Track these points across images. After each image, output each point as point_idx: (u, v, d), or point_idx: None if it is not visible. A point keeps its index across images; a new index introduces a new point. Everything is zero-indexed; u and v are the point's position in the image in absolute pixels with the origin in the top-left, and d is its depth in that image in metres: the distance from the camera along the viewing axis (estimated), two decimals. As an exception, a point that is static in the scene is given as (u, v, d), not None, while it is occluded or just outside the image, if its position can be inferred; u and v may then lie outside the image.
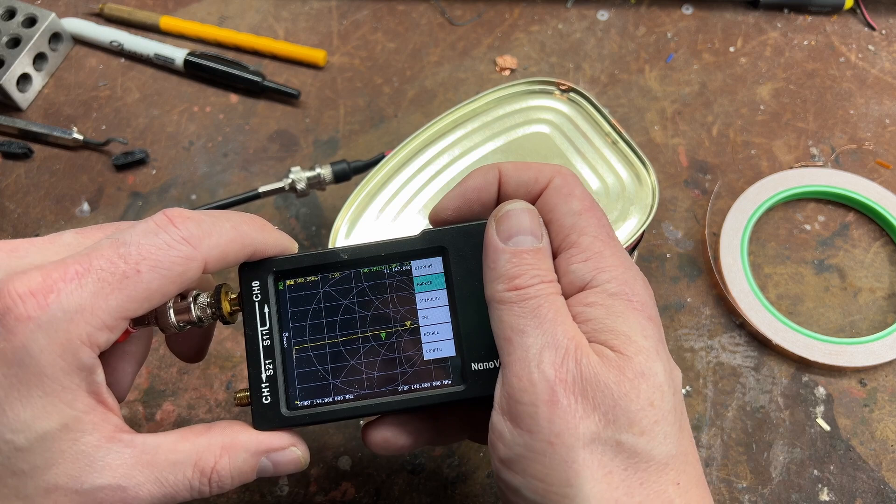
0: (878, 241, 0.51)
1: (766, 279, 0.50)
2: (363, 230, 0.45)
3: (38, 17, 0.59)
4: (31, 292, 0.26)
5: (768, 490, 0.43)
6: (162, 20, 0.62)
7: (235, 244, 0.30)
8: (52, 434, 0.26)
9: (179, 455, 0.28)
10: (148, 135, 0.57)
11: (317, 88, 0.59)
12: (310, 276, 0.32)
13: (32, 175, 0.56)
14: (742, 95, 0.57)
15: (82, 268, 0.27)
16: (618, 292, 0.28)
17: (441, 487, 0.44)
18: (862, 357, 0.46)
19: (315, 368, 0.32)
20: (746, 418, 0.45)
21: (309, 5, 0.63)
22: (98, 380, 0.27)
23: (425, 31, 0.61)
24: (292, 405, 0.32)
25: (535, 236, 0.29)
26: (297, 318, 0.32)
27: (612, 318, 0.28)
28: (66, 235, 0.30)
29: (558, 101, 0.49)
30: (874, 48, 0.59)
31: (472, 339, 0.31)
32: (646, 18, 0.61)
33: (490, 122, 0.48)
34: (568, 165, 0.46)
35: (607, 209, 0.45)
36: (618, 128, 0.47)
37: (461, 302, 0.31)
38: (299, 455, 0.31)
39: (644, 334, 0.28)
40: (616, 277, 0.29)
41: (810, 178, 0.52)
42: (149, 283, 0.27)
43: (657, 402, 0.27)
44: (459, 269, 0.32)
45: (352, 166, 0.49)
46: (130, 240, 0.28)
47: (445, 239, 0.32)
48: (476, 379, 0.31)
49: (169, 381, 0.48)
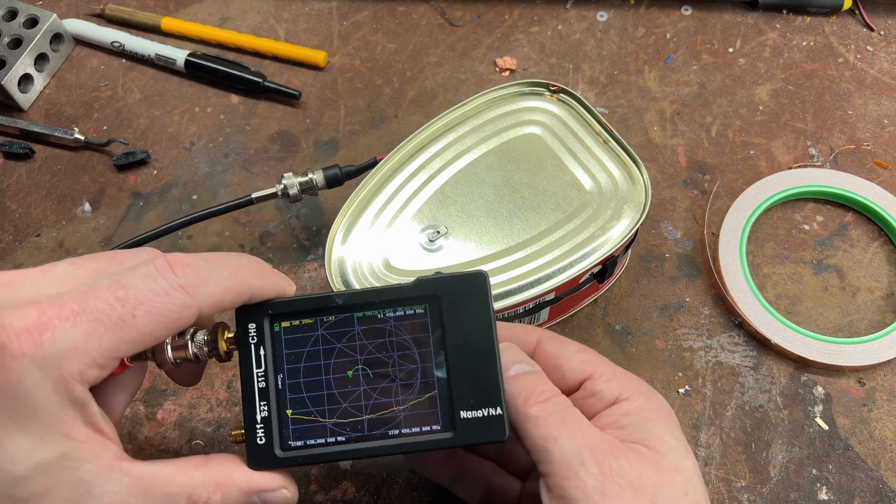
0: (877, 241, 0.51)
1: (765, 279, 0.50)
2: (358, 237, 0.45)
3: (39, 18, 0.59)
4: (27, 329, 0.26)
5: (767, 489, 0.43)
6: (163, 21, 0.62)
7: (232, 292, 0.31)
8: (50, 463, 0.27)
9: (175, 487, 0.29)
10: (149, 135, 0.58)
11: (317, 89, 0.59)
12: (305, 319, 0.33)
13: (34, 175, 0.56)
14: (741, 96, 0.57)
15: (78, 306, 0.27)
16: (646, 404, 0.33)
17: (441, 487, 0.44)
18: (860, 357, 0.46)
19: (309, 410, 0.33)
20: (745, 418, 0.45)
21: (309, 6, 0.64)
22: (93, 411, 0.28)
23: (425, 32, 0.61)
24: (286, 446, 0.32)
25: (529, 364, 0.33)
26: (291, 360, 0.33)
27: (645, 423, 0.32)
28: (59, 266, 0.30)
29: (549, 102, 0.49)
30: (873, 49, 0.59)
31: (461, 388, 0.32)
32: (645, 19, 0.61)
33: (481, 125, 0.48)
34: (560, 166, 0.47)
35: (601, 208, 0.45)
36: (609, 127, 0.47)
37: (452, 350, 0.32)
38: (289, 497, 0.32)
39: (674, 436, 0.32)
40: (640, 391, 0.33)
41: (809, 178, 0.52)
42: (143, 328, 0.28)
43: (691, 493, 0.30)
44: (451, 317, 0.32)
45: (344, 171, 0.49)
46: (129, 283, 0.28)
47: (439, 287, 0.32)
48: (464, 427, 0.32)
49: (170, 380, 0.48)
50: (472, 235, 0.44)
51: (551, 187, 0.46)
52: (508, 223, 0.45)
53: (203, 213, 0.48)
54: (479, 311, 0.32)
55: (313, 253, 0.52)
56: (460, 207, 0.45)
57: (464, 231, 0.45)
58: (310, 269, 0.51)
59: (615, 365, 0.34)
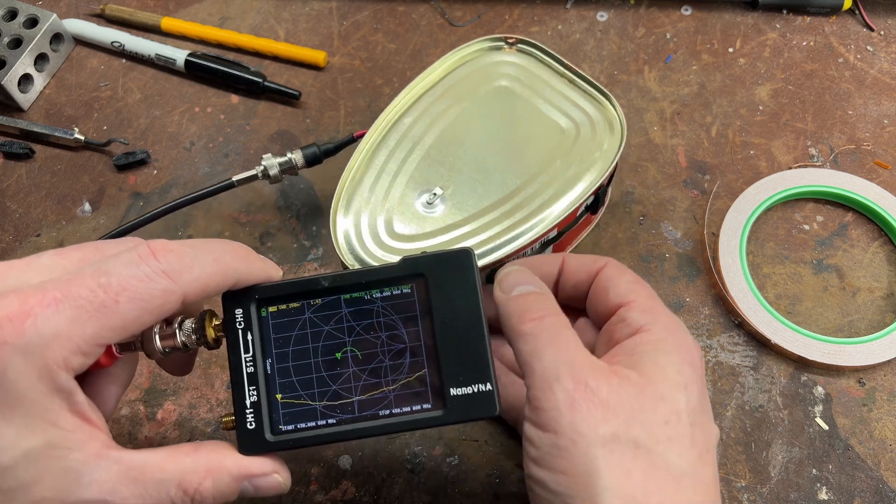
0: (877, 241, 0.51)
1: (765, 279, 0.50)
2: (359, 212, 0.46)
3: (39, 18, 0.59)
4: (9, 317, 0.26)
5: (767, 489, 0.43)
6: (163, 21, 0.62)
7: (217, 277, 0.31)
8: (37, 451, 0.27)
9: (165, 474, 0.29)
10: (149, 135, 0.58)
11: (317, 89, 0.59)
12: (292, 303, 0.33)
13: (34, 175, 0.56)
14: (741, 96, 0.57)
15: (61, 294, 0.27)
16: (666, 336, 0.32)
17: (441, 487, 0.44)
18: (860, 357, 0.46)
19: (298, 394, 0.32)
20: (745, 417, 0.45)
21: (309, 6, 0.64)
22: (79, 399, 0.28)
23: (425, 32, 0.61)
24: (276, 430, 0.32)
25: (534, 285, 0.33)
26: (279, 344, 0.33)
27: (654, 354, 0.32)
28: (43, 257, 0.30)
29: (510, 54, 0.51)
30: (873, 49, 0.59)
31: (450, 365, 0.32)
32: (645, 19, 0.61)
33: (452, 87, 0.50)
34: (535, 112, 0.49)
35: (582, 143, 0.47)
36: (572, 67, 0.49)
37: (440, 328, 0.32)
38: (280, 481, 0.32)
39: (678, 370, 0.31)
40: (668, 326, 0.33)
41: (809, 178, 0.52)
42: (126, 314, 0.28)
43: (672, 423, 0.30)
44: (438, 295, 0.32)
45: (322, 149, 0.50)
46: (112, 269, 0.28)
47: (424, 266, 0.33)
48: (455, 404, 0.32)
49: (170, 380, 0.48)
50: (466, 192, 0.46)
51: (531, 133, 0.48)
52: (499, 173, 0.46)
53: (185, 199, 0.49)
54: (465, 288, 0.32)
55: (313, 253, 0.52)
56: (449, 167, 0.47)
57: (459, 189, 0.46)
58: (310, 269, 0.51)
59: (658, 300, 0.34)
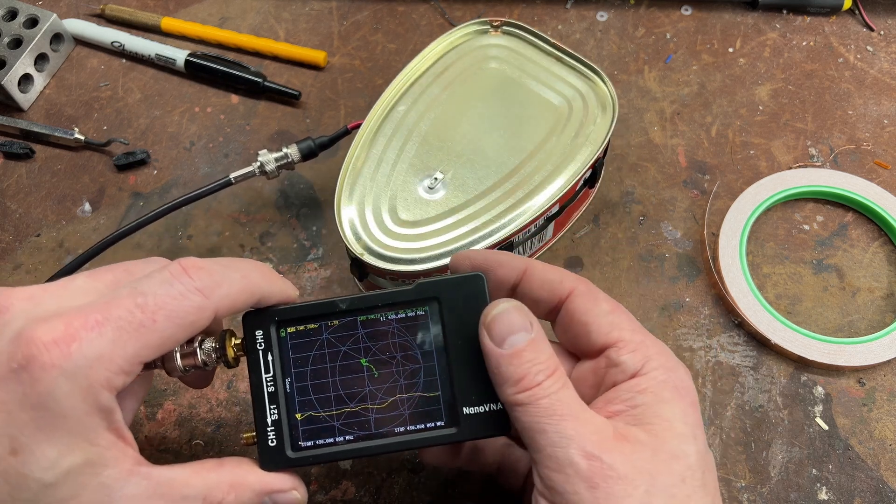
0: (877, 241, 0.51)
1: (765, 279, 0.50)
2: (362, 200, 0.46)
3: (39, 18, 0.59)
4: (55, 341, 0.27)
5: (767, 489, 0.43)
6: (163, 21, 0.62)
7: (245, 294, 0.32)
8: (77, 469, 0.28)
9: (191, 490, 0.30)
10: (149, 135, 0.58)
11: (317, 89, 0.59)
12: (310, 325, 0.34)
13: (34, 175, 0.56)
14: (741, 96, 0.57)
15: (102, 317, 0.28)
16: (666, 379, 0.32)
17: (441, 487, 0.44)
18: (860, 357, 0.46)
19: (318, 412, 0.34)
20: (745, 417, 0.46)
21: (309, 6, 0.64)
22: (117, 417, 0.29)
23: (425, 32, 0.61)
24: (296, 446, 0.34)
25: (526, 330, 0.32)
26: (298, 363, 0.34)
27: (658, 405, 0.31)
28: (77, 280, 0.31)
29: (497, 37, 0.52)
30: (873, 49, 0.59)
31: (463, 385, 0.33)
32: (645, 19, 0.61)
33: (442, 73, 0.51)
34: (527, 91, 0.49)
35: (575, 119, 0.48)
36: (558, 45, 0.50)
37: (454, 349, 0.33)
38: (299, 498, 0.33)
39: (685, 420, 0.31)
40: (663, 365, 0.32)
41: (809, 178, 0.52)
42: (163, 332, 0.29)
43: (689, 479, 0.30)
44: (452, 318, 0.33)
45: (317, 142, 0.50)
46: (147, 290, 0.29)
47: (438, 290, 0.34)
48: (467, 422, 0.33)
49: (170, 380, 0.48)
50: (467, 174, 0.47)
51: (525, 112, 0.48)
52: (496, 154, 0.47)
53: (184, 199, 0.49)
54: (477, 310, 0.33)
55: (313, 253, 0.52)
56: (448, 151, 0.48)
57: (459, 172, 0.47)
58: (310, 269, 0.52)
59: (643, 331, 0.34)
